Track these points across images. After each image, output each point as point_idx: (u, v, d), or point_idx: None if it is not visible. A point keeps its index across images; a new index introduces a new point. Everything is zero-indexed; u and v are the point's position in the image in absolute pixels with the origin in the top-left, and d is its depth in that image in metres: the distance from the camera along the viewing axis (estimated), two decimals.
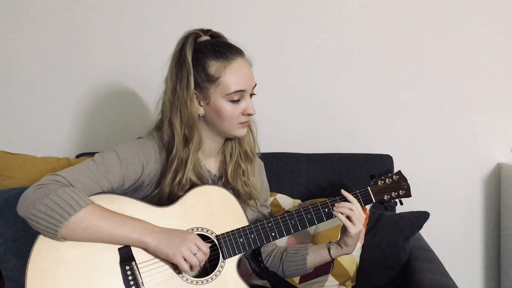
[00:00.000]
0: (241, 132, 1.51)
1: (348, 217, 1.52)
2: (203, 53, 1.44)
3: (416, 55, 2.33)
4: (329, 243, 1.63)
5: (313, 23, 2.34)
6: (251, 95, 1.51)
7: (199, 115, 1.47)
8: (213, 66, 1.43)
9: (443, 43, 2.32)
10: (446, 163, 2.36)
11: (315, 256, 1.63)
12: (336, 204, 1.53)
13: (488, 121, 2.34)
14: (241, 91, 1.45)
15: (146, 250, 1.37)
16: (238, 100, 1.46)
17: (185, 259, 1.35)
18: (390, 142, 2.35)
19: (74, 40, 2.39)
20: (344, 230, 1.55)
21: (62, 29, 2.38)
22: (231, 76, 1.43)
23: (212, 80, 1.44)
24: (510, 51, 2.31)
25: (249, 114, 1.48)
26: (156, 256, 1.38)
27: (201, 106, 1.47)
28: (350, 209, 1.52)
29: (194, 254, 1.35)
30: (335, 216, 1.53)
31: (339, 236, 1.62)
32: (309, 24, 2.34)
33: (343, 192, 1.55)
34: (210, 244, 1.41)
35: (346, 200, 1.54)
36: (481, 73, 2.32)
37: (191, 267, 1.37)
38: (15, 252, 1.84)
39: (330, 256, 1.61)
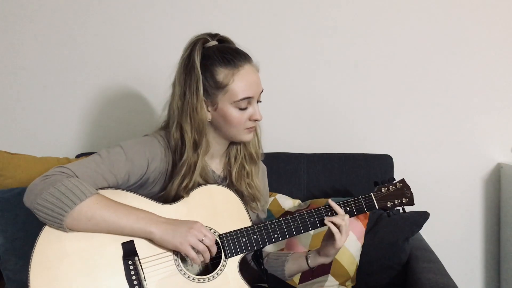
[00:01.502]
0: (247, 137, 1.52)
1: (339, 228, 1.50)
2: (211, 60, 1.45)
3: (416, 56, 2.33)
4: (308, 251, 1.62)
5: (313, 25, 2.34)
6: (258, 101, 1.52)
7: (207, 121, 1.48)
8: (222, 73, 1.44)
9: (443, 43, 2.32)
10: (446, 163, 2.36)
11: (293, 263, 1.62)
12: (326, 217, 1.52)
13: (488, 121, 2.34)
14: (248, 98, 1.46)
15: (152, 241, 1.38)
16: (246, 107, 1.47)
17: (192, 248, 1.36)
18: (390, 142, 2.35)
19: (75, 40, 2.38)
20: (328, 239, 1.54)
21: (64, 29, 2.38)
22: (239, 83, 1.44)
23: (221, 87, 1.44)
24: (510, 51, 2.31)
25: (256, 120, 1.50)
26: (162, 247, 1.38)
27: (209, 111, 1.48)
28: (342, 220, 1.50)
29: (201, 240, 1.36)
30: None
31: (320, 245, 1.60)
32: (309, 25, 2.34)
33: (331, 203, 1.53)
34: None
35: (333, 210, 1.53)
36: (481, 73, 2.33)
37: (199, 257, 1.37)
38: (15, 252, 1.85)
39: (308, 265, 1.60)
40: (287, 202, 2.08)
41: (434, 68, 2.33)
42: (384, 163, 2.17)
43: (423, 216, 1.92)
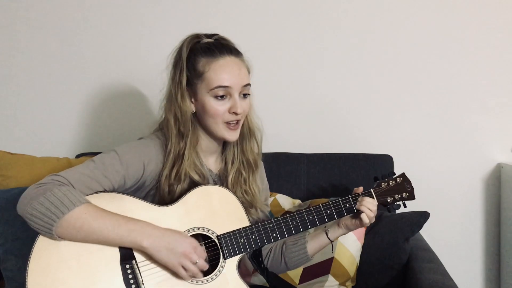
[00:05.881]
0: (229, 134, 1.49)
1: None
2: (195, 52, 1.46)
3: (416, 56, 2.33)
4: (324, 227, 1.61)
5: (314, 23, 2.34)
6: (245, 95, 1.49)
7: (191, 112, 1.48)
8: (201, 62, 1.45)
9: (443, 43, 2.32)
10: (446, 163, 2.36)
11: (314, 242, 1.63)
12: (360, 199, 1.54)
13: (488, 121, 2.34)
14: (225, 87, 1.44)
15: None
16: (223, 97, 1.45)
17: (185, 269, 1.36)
18: (390, 142, 2.35)
19: (74, 40, 2.39)
20: (353, 217, 1.56)
21: (63, 29, 2.38)
22: (215, 71, 1.43)
23: (198, 75, 1.45)
24: (510, 51, 2.31)
25: (235, 113, 1.46)
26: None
27: (192, 103, 1.48)
28: (373, 205, 1.54)
29: (195, 263, 1.35)
30: (357, 210, 1.53)
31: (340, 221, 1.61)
32: (310, 24, 2.34)
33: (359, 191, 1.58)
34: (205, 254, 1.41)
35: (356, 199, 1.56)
36: (481, 73, 2.32)
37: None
38: (15, 252, 1.84)
39: (329, 238, 1.61)
40: (287, 202, 2.08)
41: (434, 68, 2.33)
42: (384, 163, 2.17)
43: (423, 216, 1.91)
